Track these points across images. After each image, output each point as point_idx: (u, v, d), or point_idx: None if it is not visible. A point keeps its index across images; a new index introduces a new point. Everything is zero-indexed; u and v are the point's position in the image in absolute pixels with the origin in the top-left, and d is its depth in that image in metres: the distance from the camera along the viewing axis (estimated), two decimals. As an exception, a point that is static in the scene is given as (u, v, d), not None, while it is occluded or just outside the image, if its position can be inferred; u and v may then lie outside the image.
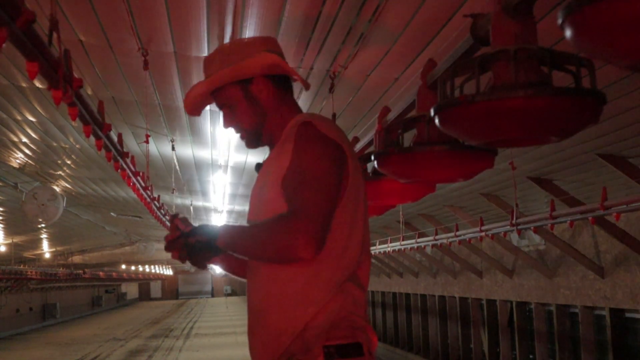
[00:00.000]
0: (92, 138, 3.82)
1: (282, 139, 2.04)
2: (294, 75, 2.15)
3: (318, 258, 1.89)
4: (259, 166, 2.16)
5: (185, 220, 2.06)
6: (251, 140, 2.17)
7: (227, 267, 2.27)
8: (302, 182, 1.90)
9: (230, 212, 14.98)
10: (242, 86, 2.12)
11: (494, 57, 2.10)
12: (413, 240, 11.57)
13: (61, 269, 27.03)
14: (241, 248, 2.00)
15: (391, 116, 3.46)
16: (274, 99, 2.12)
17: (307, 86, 2.26)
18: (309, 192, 1.88)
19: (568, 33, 1.63)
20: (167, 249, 2.08)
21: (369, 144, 4.10)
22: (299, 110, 2.16)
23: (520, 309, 12.40)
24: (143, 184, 6.27)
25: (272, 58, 2.10)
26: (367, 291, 2.04)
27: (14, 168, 10.03)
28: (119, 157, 4.59)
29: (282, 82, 2.15)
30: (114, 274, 36.87)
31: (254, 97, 2.12)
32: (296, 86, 2.26)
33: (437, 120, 2.24)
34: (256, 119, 2.12)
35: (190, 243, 2.03)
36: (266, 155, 2.15)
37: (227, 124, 2.19)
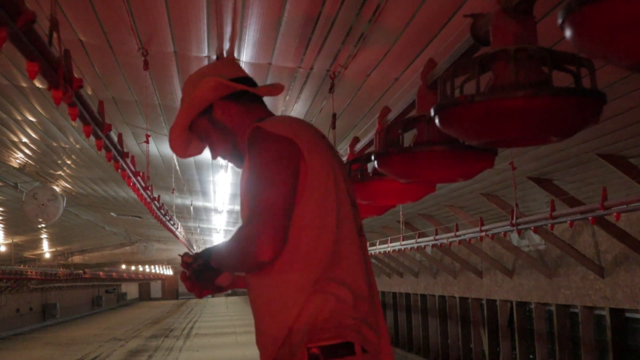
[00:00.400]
0: (92, 138, 3.82)
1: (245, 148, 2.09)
2: (247, 88, 2.16)
3: (286, 260, 1.91)
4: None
5: (188, 255, 2.15)
6: (235, 161, 2.22)
7: (241, 284, 2.27)
8: (253, 186, 1.95)
9: (230, 212, 14.98)
10: (207, 116, 2.17)
11: (494, 57, 2.10)
12: (413, 240, 11.57)
13: (61, 269, 27.03)
14: (225, 263, 2.06)
15: (391, 116, 3.46)
16: (237, 116, 2.15)
17: (276, 89, 2.24)
18: (259, 195, 1.92)
19: (568, 33, 1.63)
20: (185, 285, 2.16)
21: (369, 144, 4.10)
22: (270, 115, 2.16)
23: (521, 309, 12.41)
24: (143, 184, 6.27)
25: (213, 81, 2.12)
26: (362, 289, 1.99)
27: (14, 168, 10.03)
28: (119, 157, 4.59)
29: (244, 97, 2.16)
30: (114, 274, 36.87)
31: (218, 122, 2.16)
32: (296, 86, 2.26)
33: (437, 120, 2.24)
34: (228, 141, 2.17)
35: (195, 269, 2.10)
36: None
37: (212, 154, 2.25)
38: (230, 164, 9.65)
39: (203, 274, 2.10)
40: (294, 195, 1.94)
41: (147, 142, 5.96)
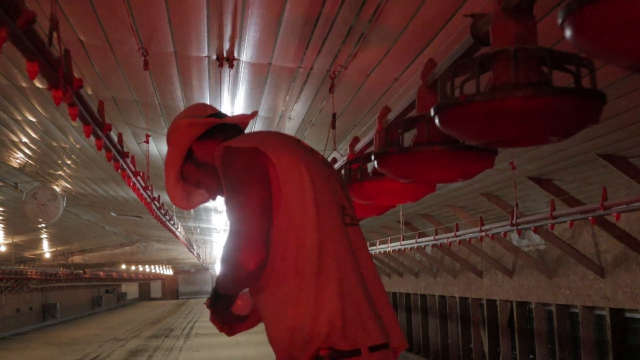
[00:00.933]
0: (92, 138, 3.82)
1: None
2: (217, 121, 2.20)
3: (278, 266, 1.95)
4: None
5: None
6: None
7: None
8: (228, 202, 2.00)
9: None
10: (192, 161, 2.22)
11: (494, 57, 2.10)
12: (413, 240, 11.57)
13: (61, 269, 27.02)
14: (223, 285, 2.11)
15: (391, 116, 3.45)
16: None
17: (247, 116, 2.28)
18: (234, 208, 1.97)
19: (568, 33, 1.63)
20: (216, 326, 2.27)
21: (369, 143, 4.10)
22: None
23: (521, 309, 12.40)
24: (143, 184, 6.27)
25: (184, 122, 2.19)
26: (352, 280, 1.99)
27: (14, 168, 10.02)
28: (119, 157, 4.59)
29: (219, 132, 2.20)
30: (114, 274, 36.86)
31: (202, 163, 2.21)
32: (296, 86, 2.27)
33: (437, 120, 2.24)
34: (215, 179, 2.20)
35: (210, 303, 2.22)
36: None
37: (213, 198, 2.30)
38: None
39: (217, 304, 2.19)
40: (269, 199, 1.97)
41: (147, 142, 5.96)
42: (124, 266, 39.70)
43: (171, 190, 2.28)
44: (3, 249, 21.30)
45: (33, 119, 7.05)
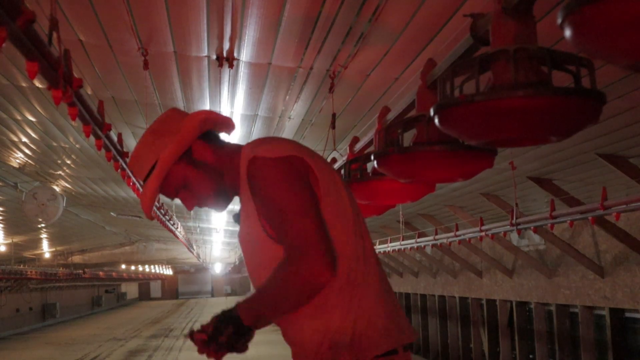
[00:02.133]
0: (92, 138, 3.83)
1: (242, 180, 2.00)
2: (223, 120, 2.09)
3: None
4: (237, 217, 2.12)
5: (200, 331, 1.93)
6: (220, 202, 2.11)
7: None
8: (282, 217, 1.88)
9: (230, 212, 14.95)
10: (186, 160, 2.04)
11: (493, 57, 2.10)
12: (413, 240, 11.57)
13: (61, 268, 27.01)
14: (272, 314, 1.94)
15: (391, 116, 3.46)
16: (217, 151, 2.06)
17: (229, 127, 2.14)
18: (292, 224, 1.86)
19: (568, 33, 1.63)
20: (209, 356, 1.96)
21: (369, 144, 4.10)
22: (238, 147, 2.07)
23: (520, 308, 12.41)
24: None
25: (200, 114, 2.04)
26: (383, 284, 2.01)
27: (14, 168, 10.02)
28: (118, 157, 4.59)
29: (213, 137, 2.09)
30: (113, 273, 36.85)
31: (201, 162, 2.05)
32: (296, 86, 2.26)
33: (437, 120, 2.24)
34: (216, 181, 2.06)
35: (223, 343, 1.90)
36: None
37: (191, 205, 2.11)
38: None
39: (237, 342, 1.91)
40: (319, 207, 1.90)
41: (147, 141, 5.95)
42: (123, 266, 39.70)
43: (151, 197, 2.07)
44: (3, 248, 21.30)
45: (33, 119, 7.05)
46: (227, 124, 2.12)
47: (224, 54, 4.40)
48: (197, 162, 2.05)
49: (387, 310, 1.97)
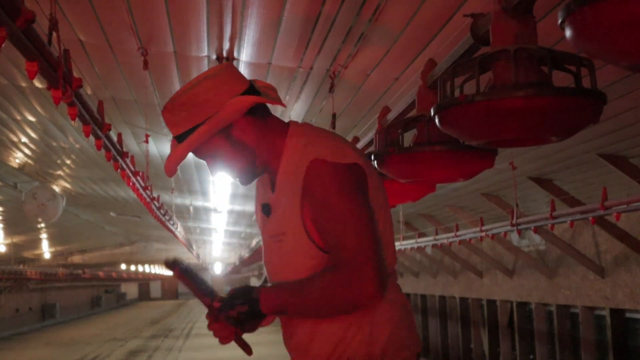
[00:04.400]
0: (91, 138, 3.83)
1: (285, 173, 1.93)
2: (266, 101, 1.96)
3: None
4: (267, 208, 2.02)
5: (222, 298, 1.91)
6: (246, 178, 2.03)
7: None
8: (341, 229, 1.82)
9: (230, 212, 14.97)
10: (224, 134, 1.95)
11: (494, 57, 2.10)
12: (413, 240, 11.56)
13: (61, 269, 27.02)
14: (295, 313, 1.91)
15: (391, 116, 3.46)
16: (259, 131, 1.97)
17: (277, 99, 2.02)
18: (351, 235, 1.80)
19: (568, 33, 1.62)
20: (215, 331, 1.96)
21: (369, 144, 4.10)
22: (284, 127, 2.00)
23: (521, 309, 12.40)
24: (143, 184, 6.27)
25: (248, 100, 1.91)
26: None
27: (14, 168, 10.02)
28: (118, 157, 4.59)
29: (260, 109, 1.98)
30: (113, 274, 36.85)
31: (238, 141, 1.96)
32: (296, 86, 2.25)
33: (437, 120, 2.24)
34: (247, 159, 1.97)
35: (232, 316, 1.88)
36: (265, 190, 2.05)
37: (215, 172, 2.04)
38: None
39: (245, 322, 1.89)
40: (375, 218, 1.86)
41: (146, 141, 5.96)
42: (123, 266, 39.71)
43: (177, 161, 1.97)
44: (2, 249, 21.30)
45: (32, 119, 7.05)
46: (275, 105, 2.02)
47: (224, 54, 4.40)
48: (233, 139, 1.95)
49: (408, 320, 1.95)
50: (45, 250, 26.07)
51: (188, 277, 1.94)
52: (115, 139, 4.45)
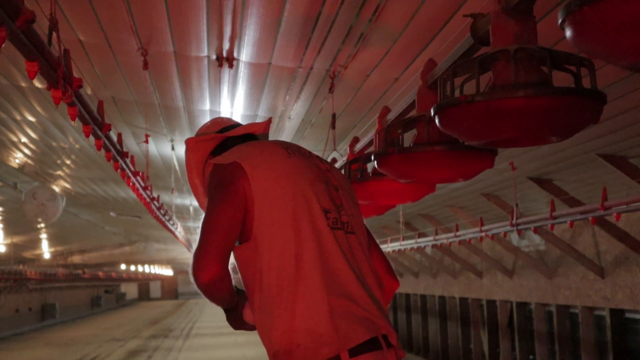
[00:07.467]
0: (91, 138, 3.82)
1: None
2: (220, 138, 2.22)
3: (254, 286, 1.97)
4: None
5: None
6: None
7: None
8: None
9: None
10: (202, 170, 2.26)
11: (494, 57, 2.10)
12: (413, 241, 11.56)
13: (60, 269, 27.02)
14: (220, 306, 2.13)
15: (391, 116, 3.45)
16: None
17: (259, 126, 2.28)
18: (202, 222, 2.01)
19: (568, 33, 1.62)
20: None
21: (369, 144, 4.10)
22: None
23: (521, 309, 12.40)
24: (142, 184, 6.27)
25: (192, 140, 2.23)
26: (348, 282, 1.95)
27: (14, 168, 10.02)
28: (118, 157, 4.59)
29: (230, 145, 2.20)
30: (113, 274, 36.84)
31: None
32: (296, 86, 2.26)
33: (437, 120, 2.24)
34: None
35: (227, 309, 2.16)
36: None
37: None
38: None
39: (226, 312, 2.15)
40: (239, 215, 1.98)
41: (146, 142, 5.96)
42: (123, 266, 39.71)
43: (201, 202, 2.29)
44: (2, 249, 21.30)
45: (32, 119, 7.05)
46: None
47: (224, 54, 4.40)
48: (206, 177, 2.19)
49: (332, 314, 1.90)
50: (45, 250, 26.08)
51: None
52: (115, 139, 4.45)
